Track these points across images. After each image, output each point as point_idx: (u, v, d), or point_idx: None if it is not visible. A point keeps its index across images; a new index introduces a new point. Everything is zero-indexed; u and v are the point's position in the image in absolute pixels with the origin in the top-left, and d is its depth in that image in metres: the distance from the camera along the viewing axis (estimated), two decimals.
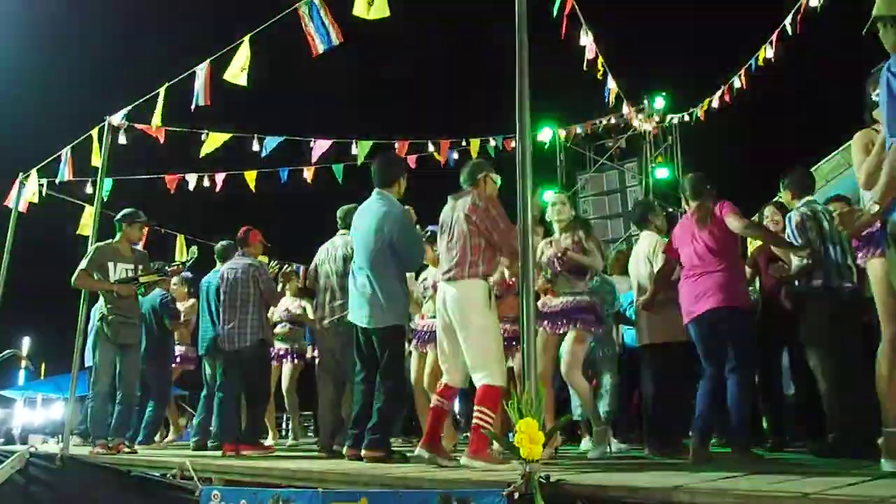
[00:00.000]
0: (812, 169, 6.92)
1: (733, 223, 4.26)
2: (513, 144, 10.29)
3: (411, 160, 10.14)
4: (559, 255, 4.77)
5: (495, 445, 3.75)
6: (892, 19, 2.91)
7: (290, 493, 3.27)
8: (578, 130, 11.62)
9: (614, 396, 5.68)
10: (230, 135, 7.63)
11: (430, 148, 10.35)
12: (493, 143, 10.22)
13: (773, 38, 7.62)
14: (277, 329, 7.35)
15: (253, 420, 5.81)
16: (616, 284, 6.02)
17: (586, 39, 7.58)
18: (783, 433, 5.22)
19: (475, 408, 4.00)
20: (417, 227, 4.95)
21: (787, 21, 7.16)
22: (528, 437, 2.74)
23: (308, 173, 9.95)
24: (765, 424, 5.51)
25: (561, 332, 4.78)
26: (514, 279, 4.88)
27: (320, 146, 9.23)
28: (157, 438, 7.31)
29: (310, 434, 9.44)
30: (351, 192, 5.89)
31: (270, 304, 5.99)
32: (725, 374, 4.19)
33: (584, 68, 7.82)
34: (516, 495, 2.67)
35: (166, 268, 6.51)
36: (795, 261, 4.71)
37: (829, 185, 7.98)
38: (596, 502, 2.62)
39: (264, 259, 6.65)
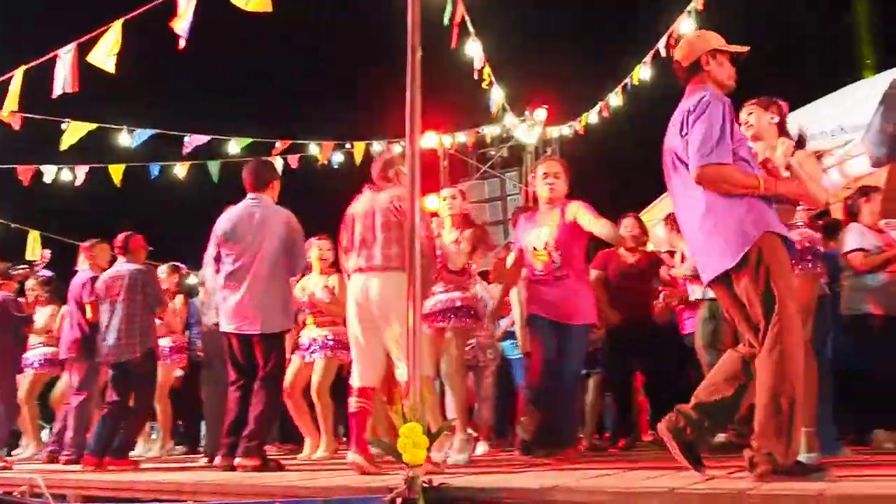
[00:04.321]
0: None
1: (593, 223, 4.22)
2: (397, 148, 10.32)
3: (293, 160, 9.95)
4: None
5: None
6: (677, 64, 3.08)
7: None
8: (462, 138, 11.78)
9: (493, 401, 5.78)
10: (95, 125, 7.18)
11: (314, 149, 10.19)
12: (377, 146, 10.17)
13: (648, 59, 8.07)
14: None
15: (128, 433, 5.45)
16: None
17: (475, 48, 7.71)
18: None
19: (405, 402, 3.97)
20: None
21: (661, 44, 7.60)
22: (412, 441, 2.72)
23: (181, 169, 9.52)
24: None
25: (439, 327, 4.63)
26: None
27: (195, 141, 8.87)
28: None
29: (180, 446, 8.92)
30: (227, 191, 5.69)
31: (156, 313, 5.65)
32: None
33: (475, 77, 7.96)
34: (398, 501, 2.65)
35: (10, 271, 5.99)
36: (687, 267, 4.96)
37: None
38: None
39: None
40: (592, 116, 9.87)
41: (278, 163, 9.38)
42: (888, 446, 4.33)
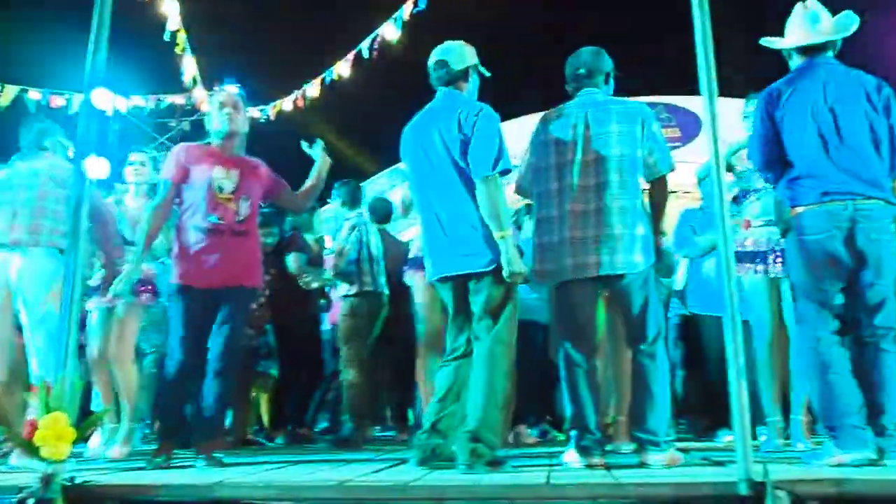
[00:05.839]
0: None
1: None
2: (59, 101, 9.02)
3: None
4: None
5: None
6: (443, 63, 3.21)
7: None
8: (141, 102, 10.74)
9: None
10: None
11: None
12: (33, 95, 8.75)
13: (351, 57, 8.20)
14: None
15: None
16: None
17: (170, 8, 7.06)
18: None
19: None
20: None
21: (365, 45, 7.78)
22: (55, 433, 2.36)
23: None
24: None
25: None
26: None
27: None
28: None
29: None
30: None
31: None
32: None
33: (166, 39, 7.30)
34: (31, 501, 2.27)
35: None
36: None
37: None
38: None
39: None
40: (287, 104, 9.74)
41: None
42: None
